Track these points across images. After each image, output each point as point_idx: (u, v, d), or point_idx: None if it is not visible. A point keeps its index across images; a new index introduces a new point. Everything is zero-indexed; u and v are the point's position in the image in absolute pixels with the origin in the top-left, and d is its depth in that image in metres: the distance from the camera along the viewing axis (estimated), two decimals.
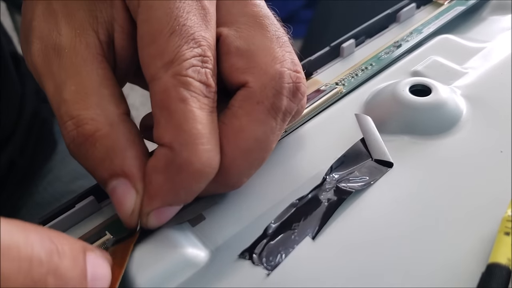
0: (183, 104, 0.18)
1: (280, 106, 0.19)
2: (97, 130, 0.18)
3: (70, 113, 0.19)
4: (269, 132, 0.19)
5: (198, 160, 0.18)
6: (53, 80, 0.19)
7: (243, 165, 0.19)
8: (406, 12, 0.32)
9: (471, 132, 0.23)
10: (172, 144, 0.18)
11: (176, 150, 0.18)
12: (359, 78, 0.27)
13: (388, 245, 0.19)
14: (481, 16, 0.32)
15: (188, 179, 0.18)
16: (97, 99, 0.19)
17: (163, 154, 0.18)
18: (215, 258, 0.20)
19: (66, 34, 0.20)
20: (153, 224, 0.19)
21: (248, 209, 0.21)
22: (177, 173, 0.18)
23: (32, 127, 0.44)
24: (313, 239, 0.20)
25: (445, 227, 0.19)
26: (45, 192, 0.44)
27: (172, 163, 0.18)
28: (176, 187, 0.18)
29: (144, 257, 0.19)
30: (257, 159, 0.20)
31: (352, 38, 0.30)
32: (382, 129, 0.24)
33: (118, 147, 0.19)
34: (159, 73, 0.18)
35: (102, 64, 0.20)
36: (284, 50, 0.20)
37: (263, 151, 0.20)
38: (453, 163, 0.22)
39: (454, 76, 0.27)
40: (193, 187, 0.18)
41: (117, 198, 0.19)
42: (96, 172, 0.19)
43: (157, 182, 0.18)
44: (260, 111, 0.19)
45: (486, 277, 0.17)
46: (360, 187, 0.21)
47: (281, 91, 0.19)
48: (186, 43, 0.18)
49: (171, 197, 0.18)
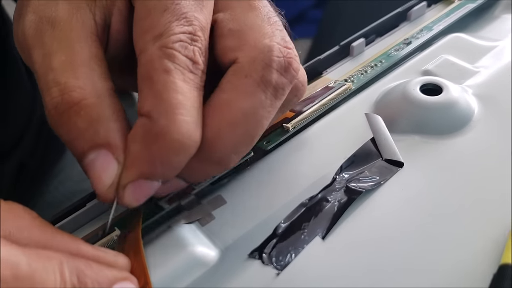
0: (166, 75, 0.18)
1: (270, 80, 0.19)
2: (83, 99, 0.18)
3: (57, 80, 0.18)
4: (258, 106, 0.19)
5: (176, 130, 0.17)
6: (43, 49, 0.19)
7: (230, 138, 0.19)
8: (416, 10, 0.31)
9: (483, 131, 0.23)
10: (151, 113, 0.18)
11: (154, 119, 0.17)
12: (368, 75, 0.27)
13: (399, 245, 0.19)
14: (493, 14, 0.31)
15: (165, 149, 0.18)
16: (87, 71, 0.19)
17: (141, 123, 0.18)
18: (225, 258, 0.20)
19: (63, 9, 0.20)
20: (129, 200, 0.18)
21: (258, 208, 0.21)
22: (153, 142, 0.18)
23: (43, 129, 0.44)
24: (323, 239, 0.20)
25: (456, 227, 0.19)
26: (56, 192, 0.44)
27: (150, 131, 0.18)
28: (152, 157, 0.18)
29: (155, 256, 0.19)
30: (246, 134, 0.19)
31: (362, 37, 0.30)
32: (392, 128, 0.24)
33: (103, 117, 0.18)
34: (147, 45, 0.18)
35: (95, 44, 0.20)
36: (275, 28, 0.20)
37: (252, 126, 0.19)
38: (464, 163, 0.22)
39: (466, 75, 0.26)
40: (170, 159, 0.18)
41: (96, 169, 0.18)
42: (76, 142, 0.19)
43: (134, 151, 0.18)
44: (248, 84, 0.19)
45: (498, 278, 0.17)
46: (370, 187, 0.21)
47: (270, 63, 0.19)
48: (177, 20, 0.19)
49: (147, 168, 0.18)
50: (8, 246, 0.15)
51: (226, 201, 0.22)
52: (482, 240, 0.19)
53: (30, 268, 0.15)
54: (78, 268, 0.16)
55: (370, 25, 0.30)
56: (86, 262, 0.16)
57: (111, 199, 0.19)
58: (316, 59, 0.28)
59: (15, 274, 0.14)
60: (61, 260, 0.15)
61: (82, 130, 0.18)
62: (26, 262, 0.15)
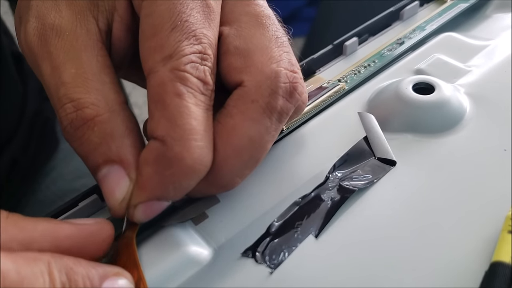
0: (179, 99, 0.18)
1: (275, 106, 0.19)
2: (97, 115, 0.18)
3: (70, 96, 0.19)
4: (263, 132, 0.19)
5: (190, 156, 0.18)
6: (50, 61, 0.19)
7: (236, 164, 0.19)
8: (409, 10, 0.31)
9: (475, 130, 0.23)
10: (165, 138, 0.18)
11: (168, 144, 0.18)
12: (361, 75, 0.27)
13: (391, 244, 0.19)
14: (485, 14, 0.32)
15: (178, 174, 0.18)
16: (98, 85, 0.19)
17: (154, 147, 0.18)
18: (218, 257, 0.20)
19: (66, 16, 0.19)
20: (139, 217, 0.19)
21: (251, 207, 0.21)
22: (167, 167, 0.18)
23: (35, 125, 0.44)
24: (316, 237, 0.20)
25: (449, 226, 0.19)
26: (48, 191, 0.44)
27: (163, 156, 0.18)
28: (165, 181, 0.18)
29: (147, 255, 0.19)
30: (251, 159, 0.19)
31: (355, 36, 0.30)
32: (385, 127, 0.24)
33: (116, 133, 0.19)
34: (157, 66, 0.18)
35: (102, 51, 0.20)
36: (282, 50, 0.20)
37: (257, 151, 0.19)
38: (456, 161, 0.22)
39: (458, 74, 0.26)
40: (182, 183, 0.18)
41: (108, 184, 0.19)
42: (90, 157, 0.19)
43: (147, 174, 0.18)
44: (255, 110, 0.19)
45: (490, 276, 0.17)
46: (363, 185, 0.21)
47: (277, 90, 0.19)
48: (186, 39, 0.18)
49: (159, 191, 0.18)
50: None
51: (219, 200, 0.22)
52: (474, 238, 0.19)
53: (19, 275, 0.14)
54: (67, 266, 0.16)
55: (363, 24, 0.30)
56: (75, 260, 0.16)
57: (122, 214, 0.19)
58: (309, 58, 0.28)
59: (4, 283, 0.14)
60: (48, 261, 0.15)
61: (96, 145, 0.19)
62: (14, 270, 0.14)
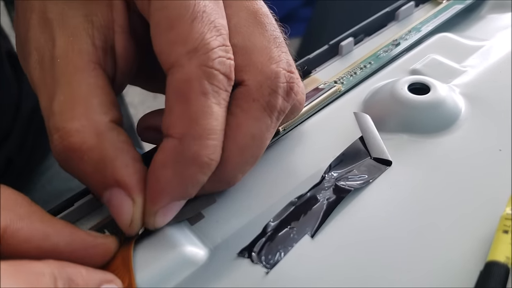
0: (204, 98, 0.18)
1: (275, 105, 0.20)
2: (83, 143, 0.18)
3: (56, 125, 0.18)
4: (264, 129, 0.20)
5: (206, 154, 0.18)
6: (46, 92, 0.19)
7: (240, 161, 0.20)
8: (404, 10, 0.32)
9: (470, 130, 0.23)
10: (184, 136, 0.18)
11: (186, 143, 0.18)
12: (357, 76, 0.27)
13: (387, 244, 0.19)
14: (480, 14, 0.32)
15: (196, 172, 0.18)
16: (84, 109, 0.18)
17: (171, 147, 0.18)
18: (214, 257, 0.20)
19: (59, 41, 0.19)
20: (161, 223, 0.19)
21: (247, 207, 0.21)
22: (186, 167, 0.18)
23: (31, 125, 0.44)
24: (312, 237, 0.20)
25: (444, 225, 0.19)
26: (44, 190, 0.44)
27: (181, 156, 0.18)
28: (184, 181, 0.18)
29: (143, 255, 0.19)
30: (253, 155, 0.20)
31: (351, 37, 0.30)
32: (381, 127, 0.24)
33: (107, 158, 0.18)
34: (181, 60, 0.18)
35: (94, 72, 0.19)
36: (281, 51, 0.20)
37: (258, 147, 0.20)
38: (452, 161, 0.22)
39: (453, 74, 0.27)
40: (199, 180, 0.18)
41: (114, 208, 0.19)
42: (90, 185, 0.19)
43: (166, 177, 0.18)
44: (256, 108, 0.19)
45: (485, 275, 0.17)
46: (359, 185, 0.21)
47: (277, 90, 0.20)
48: (209, 31, 0.18)
49: (179, 192, 0.18)
50: (3, 275, 0.15)
51: (215, 200, 0.21)
52: (469, 238, 0.19)
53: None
54: (70, 277, 0.16)
55: (359, 25, 0.30)
56: (75, 269, 0.16)
57: (136, 233, 0.19)
58: (305, 58, 0.28)
59: None
60: (54, 275, 0.16)
61: (90, 173, 0.18)
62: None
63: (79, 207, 0.22)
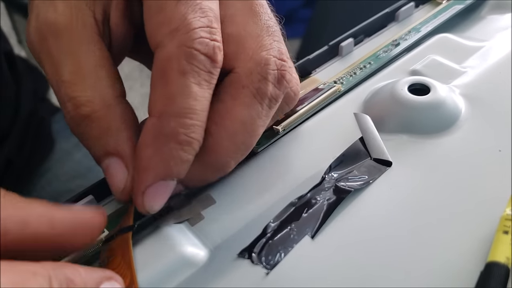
0: (183, 78, 0.18)
1: (266, 92, 0.20)
2: (93, 112, 0.19)
3: (68, 95, 0.19)
4: (255, 116, 0.20)
5: (184, 132, 0.18)
6: (51, 59, 0.20)
7: (229, 147, 0.20)
8: (404, 11, 0.32)
9: (470, 131, 0.23)
10: (162, 115, 0.18)
11: (164, 121, 0.18)
12: (357, 76, 0.27)
13: (387, 244, 0.19)
14: (480, 15, 0.32)
15: (176, 149, 0.18)
16: (94, 81, 0.19)
17: (151, 125, 0.18)
18: (214, 257, 0.20)
19: (63, 13, 0.20)
20: (150, 204, 0.19)
21: (247, 208, 0.21)
22: (165, 144, 0.18)
23: (29, 126, 0.44)
24: (312, 238, 0.20)
25: (444, 226, 0.19)
26: (43, 191, 0.44)
27: (160, 133, 0.18)
28: (165, 158, 0.18)
29: (143, 256, 0.19)
30: (244, 142, 0.20)
31: (350, 37, 0.30)
32: (381, 128, 0.24)
33: (113, 128, 0.19)
34: (164, 40, 0.18)
35: (98, 45, 0.20)
36: (273, 39, 0.20)
37: (249, 135, 0.20)
38: (452, 162, 0.22)
39: (453, 75, 0.27)
40: (182, 158, 0.18)
41: (109, 175, 0.20)
42: (92, 150, 0.20)
43: (147, 155, 0.18)
44: (246, 94, 0.19)
45: (485, 276, 0.17)
46: (359, 186, 0.21)
47: (266, 76, 0.20)
48: (192, 12, 0.18)
49: (162, 169, 0.19)
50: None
51: (215, 201, 0.21)
52: (470, 238, 0.19)
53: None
54: (67, 278, 0.16)
55: (359, 25, 0.30)
56: (73, 269, 0.16)
57: (126, 201, 0.20)
58: (305, 59, 0.28)
59: None
60: (49, 275, 0.15)
61: (96, 139, 0.20)
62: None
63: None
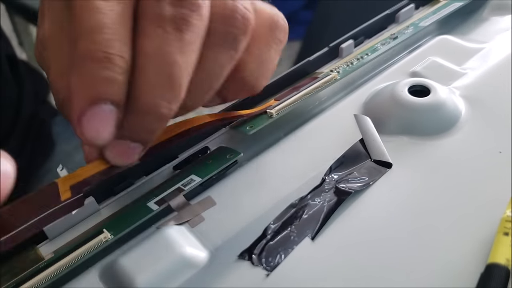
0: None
1: (162, 14, 0.18)
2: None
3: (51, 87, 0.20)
4: (162, 44, 0.18)
5: (98, 47, 0.17)
6: (46, 71, 0.21)
7: (147, 84, 0.18)
8: (405, 12, 0.32)
9: (470, 132, 0.23)
10: (75, 39, 0.18)
11: (77, 43, 0.18)
12: (354, 66, 0.27)
13: (387, 246, 0.19)
14: (481, 16, 0.32)
15: (95, 67, 0.17)
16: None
17: (70, 55, 0.18)
18: (215, 259, 0.20)
19: (47, 27, 0.20)
20: (90, 134, 0.18)
21: (247, 209, 0.21)
22: (82, 64, 0.17)
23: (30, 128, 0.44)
24: (313, 239, 0.20)
25: (444, 227, 0.19)
26: None
27: (76, 57, 0.18)
28: (87, 79, 0.18)
29: (144, 257, 0.19)
30: (159, 74, 0.18)
31: (351, 39, 0.30)
32: (381, 129, 0.24)
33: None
34: None
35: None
36: None
37: (163, 64, 0.18)
38: (452, 163, 0.22)
39: (453, 76, 0.27)
40: (105, 75, 0.17)
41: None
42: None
43: (72, 83, 0.18)
44: (146, 24, 0.18)
45: (485, 277, 0.17)
46: (359, 187, 0.21)
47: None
48: None
49: (88, 91, 0.18)
50: None
51: (215, 203, 0.22)
52: (470, 240, 0.19)
53: None
54: None
55: (359, 27, 0.30)
56: None
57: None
58: (305, 61, 0.28)
59: None
60: None
61: None
62: None
63: (79, 210, 0.22)
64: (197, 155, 0.24)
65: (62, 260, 0.19)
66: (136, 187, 0.24)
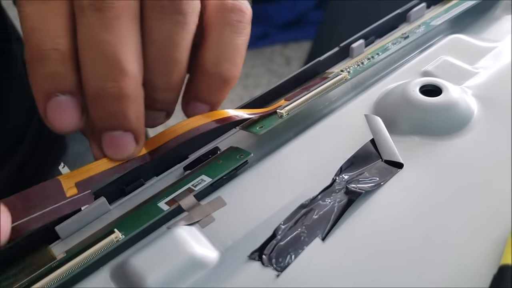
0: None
1: (81, 1, 0.19)
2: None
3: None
4: (87, 29, 0.19)
5: (35, 44, 0.19)
6: None
7: (90, 67, 0.19)
8: (416, 12, 0.31)
9: (482, 132, 0.23)
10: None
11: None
12: (364, 66, 0.27)
13: (398, 247, 0.19)
14: (493, 15, 0.31)
15: (38, 64, 0.19)
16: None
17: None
18: (225, 259, 0.20)
19: None
20: (53, 123, 0.20)
21: (258, 210, 0.21)
22: (30, 64, 0.19)
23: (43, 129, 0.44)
24: (323, 240, 0.20)
25: (456, 229, 0.19)
26: None
27: (27, 58, 0.19)
28: (35, 77, 0.19)
29: (154, 257, 0.19)
30: (94, 57, 0.19)
31: (361, 39, 0.30)
32: (392, 129, 0.24)
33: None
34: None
35: None
36: None
37: (94, 47, 0.19)
38: (464, 164, 0.22)
39: (465, 76, 0.26)
40: (46, 71, 0.19)
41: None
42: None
43: (33, 74, 0.19)
44: (76, 15, 0.19)
45: (498, 279, 0.17)
46: (370, 188, 0.21)
47: None
48: None
49: (40, 87, 0.20)
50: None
51: (226, 203, 0.22)
52: (482, 241, 0.19)
53: None
54: None
55: (370, 27, 0.30)
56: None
57: None
58: (316, 61, 0.28)
59: None
60: None
61: None
62: None
63: (91, 210, 0.22)
64: (208, 156, 0.25)
65: (73, 259, 0.19)
66: (146, 187, 0.24)
